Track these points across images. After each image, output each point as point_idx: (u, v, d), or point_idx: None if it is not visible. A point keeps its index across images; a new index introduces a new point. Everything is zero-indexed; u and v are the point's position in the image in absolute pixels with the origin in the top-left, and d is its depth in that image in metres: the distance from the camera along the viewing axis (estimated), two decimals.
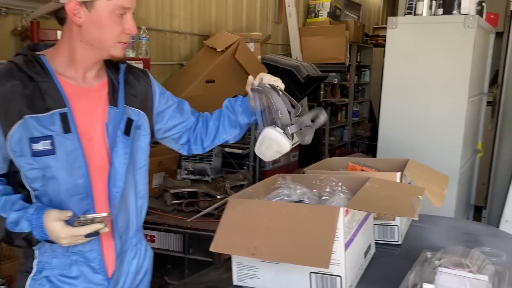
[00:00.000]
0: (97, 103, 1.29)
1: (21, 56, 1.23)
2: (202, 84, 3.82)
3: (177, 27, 4.40)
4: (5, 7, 2.89)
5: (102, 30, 1.21)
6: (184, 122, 1.51)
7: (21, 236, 1.16)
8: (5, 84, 1.17)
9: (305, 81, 4.60)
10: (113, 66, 1.35)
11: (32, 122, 1.18)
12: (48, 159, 1.19)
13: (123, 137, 1.30)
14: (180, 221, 2.94)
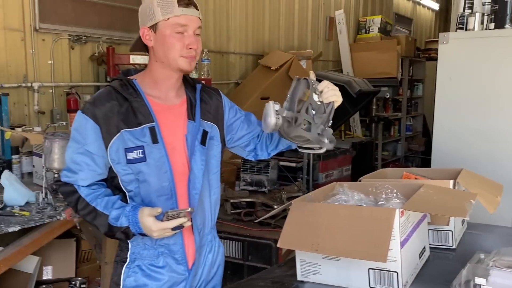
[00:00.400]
0: (178, 118, 1.48)
1: (117, 80, 1.45)
2: (257, 100, 4.03)
3: (233, 48, 4.67)
4: (85, 35, 3.24)
5: (167, 47, 1.39)
6: (251, 132, 1.66)
7: (121, 230, 1.36)
8: (105, 104, 1.38)
9: (357, 96, 4.68)
10: (190, 86, 1.55)
11: (127, 135, 1.38)
12: (140, 166, 1.40)
13: (200, 146, 1.48)
14: (240, 229, 3.11)
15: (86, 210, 1.38)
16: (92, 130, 1.37)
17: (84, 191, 1.39)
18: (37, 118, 3.04)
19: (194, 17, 1.41)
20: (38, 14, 2.98)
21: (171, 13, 1.37)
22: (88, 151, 1.38)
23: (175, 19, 1.37)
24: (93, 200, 1.38)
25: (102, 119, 1.37)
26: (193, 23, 1.40)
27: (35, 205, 2.00)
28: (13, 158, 2.40)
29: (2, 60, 2.84)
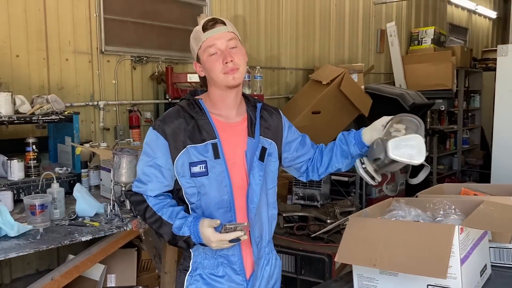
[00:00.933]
0: (239, 134, 1.57)
1: (185, 100, 1.58)
2: (308, 115, 4.07)
3: (283, 64, 4.76)
4: (145, 56, 3.44)
5: (209, 70, 1.50)
6: (306, 154, 1.72)
7: (183, 239, 1.45)
8: (174, 122, 1.50)
9: (410, 109, 4.61)
10: (251, 105, 1.63)
11: (192, 150, 1.49)
12: (203, 179, 1.49)
13: (258, 162, 1.55)
14: (293, 243, 3.14)
15: (153, 218, 1.49)
16: (162, 145, 1.48)
17: (152, 201, 1.50)
18: (102, 134, 3.25)
19: (222, 33, 1.49)
20: (104, 38, 3.20)
21: (200, 40, 1.49)
22: (157, 164, 1.49)
23: (204, 44, 1.48)
24: (159, 209, 1.48)
25: (170, 136, 1.48)
26: (221, 39, 1.48)
27: (104, 216, 2.14)
28: (82, 172, 2.59)
29: (72, 81, 3.07)
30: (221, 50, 1.48)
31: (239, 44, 1.54)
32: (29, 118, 2.37)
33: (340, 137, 1.71)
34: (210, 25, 1.49)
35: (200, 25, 1.51)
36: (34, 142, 2.44)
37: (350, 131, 1.69)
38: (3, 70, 2.74)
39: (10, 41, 2.76)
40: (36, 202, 1.98)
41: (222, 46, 1.48)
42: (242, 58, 1.52)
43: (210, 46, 1.48)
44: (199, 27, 1.51)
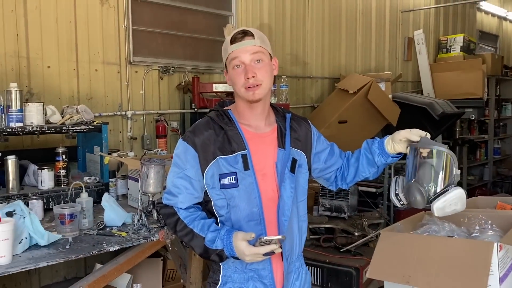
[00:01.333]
0: (269, 145, 1.54)
1: (214, 111, 1.57)
2: (334, 124, 4.02)
3: (309, 73, 4.73)
4: (172, 66, 3.47)
5: (233, 83, 1.51)
6: (335, 164, 1.71)
7: (216, 252, 1.42)
8: (204, 133, 1.49)
9: (440, 118, 4.51)
10: (280, 116, 1.61)
11: (222, 161, 1.47)
12: (233, 191, 1.47)
13: (289, 174, 1.53)
14: (319, 255, 3.09)
15: (184, 231, 1.47)
16: (192, 157, 1.48)
17: (183, 213, 1.48)
18: (130, 143, 3.29)
19: (248, 47, 1.47)
20: (132, 48, 3.25)
21: (227, 52, 1.50)
22: (187, 175, 1.48)
23: (230, 56, 1.49)
24: (190, 222, 1.47)
25: (200, 147, 1.48)
26: (246, 53, 1.47)
27: (131, 226, 2.15)
28: (110, 181, 2.61)
29: (101, 91, 3.13)
30: (245, 64, 1.47)
31: (266, 59, 1.51)
32: (59, 128, 2.42)
33: (365, 145, 1.69)
34: (239, 37, 1.48)
35: (230, 35, 1.50)
36: (63, 151, 2.48)
37: (374, 139, 1.67)
38: (35, 80, 2.81)
39: (42, 52, 2.83)
40: (66, 212, 2.00)
41: (246, 60, 1.47)
42: (266, 73, 1.49)
43: (234, 59, 1.48)
44: (229, 38, 1.51)
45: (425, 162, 1.48)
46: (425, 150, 1.48)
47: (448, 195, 1.41)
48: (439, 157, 1.46)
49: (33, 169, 2.46)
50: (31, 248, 1.86)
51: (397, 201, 1.52)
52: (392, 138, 1.59)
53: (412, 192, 1.46)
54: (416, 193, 1.45)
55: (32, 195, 2.31)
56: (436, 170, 1.46)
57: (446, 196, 1.41)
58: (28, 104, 2.36)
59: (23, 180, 2.49)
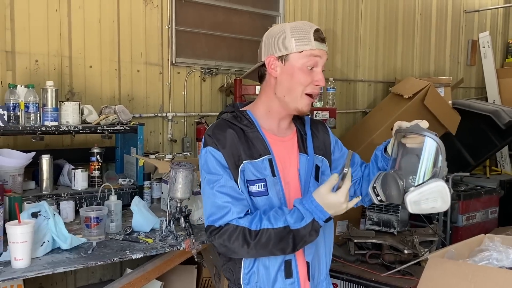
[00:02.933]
0: (291, 151, 1.40)
1: (228, 113, 1.39)
2: (386, 132, 3.74)
3: (361, 76, 4.47)
4: (215, 68, 3.37)
5: (293, 81, 1.31)
6: (353, 174, 1.52)
7: (308, 230, 1.21)
8: (225, 135, 1.32)
9: (506, 128, 4.09)
10: (298, 118, 1.47)
11: (249, 166, 1.31)
12: (262, 199, 1.31)
13: (314, 182, 1.38)
14: (364, 272, 2.85)
15: (262, 238, 1.22)
16: (221, 160, 1.30)
17: (245, 221, 1.25)
18: (170, 146, 3.22)
19: (325, 52, 1.34)
20: (175, 49, 3.18)
21: (307, 46, 1.30)
22: (226, 180, 1.29)
23: (310, 52, 1.30)
24: (258, 224, 1.24)
25: (225, 148, 1.31)
26: (324, 57, 1.33)
27: (159, 232, 2.05)
28: (144, 184, 2.54)
29: (142, 92, 3.08)
30: (318, 69, 1.32)
31: None
32: (94, 128, 2.37)
33: (374, 152, 1.49)
34: (321, 38, 1.33)
35: (312, 30, 1.32)
36: (98, 152, 2.43)
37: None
38: (77, 80, 2.80)
39: (84, 52, 2.82)
40: (92, 215, 1.93)
41: (320, 66, 1.33)
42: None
43: (315, 56, 1.31)
44: (309, 29, 1.32)
45: (408, 151, 1.26)
46: (410, 137, 1.25)
47: (425, 187, 1.17)
48: (424, 145, 1.21)
49: (67, 169, 2.43)
50: (53, 251, 1.80)
51: (374, 195, 1.28)
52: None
53: (388, 183, 1.23)
54: (392, 183, 1.22)
55: (65, 196, 2.28)
56: (419, 160, 1.21)
57: (423, 188, 1.17)
58: (64, 103, 2.34)
59: (58, 179, 2.47)
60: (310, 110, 3.31)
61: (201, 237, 2.02)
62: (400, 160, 1.26)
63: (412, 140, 1.25)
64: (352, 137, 3.98)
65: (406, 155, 1.26)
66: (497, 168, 5.20)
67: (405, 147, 1.26)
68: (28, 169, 2.34)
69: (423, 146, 1.21)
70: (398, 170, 1.25)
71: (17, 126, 2.18)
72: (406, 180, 1.21)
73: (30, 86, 2.25)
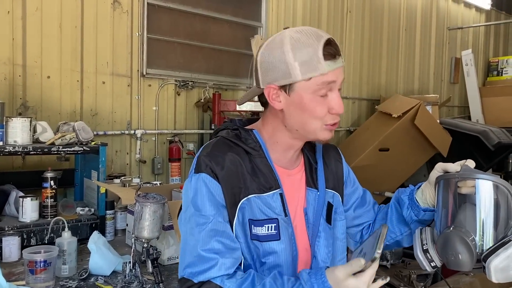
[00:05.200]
0: (298, 186, 1.12)
1: (228, 131, 1.10)
2: (374, 152, 3.51)
3: (345, 93, 4.25)
4: (191, 80, 3.06)
5: (305, 115, 1.03)
6: (365, 216, 1.25)
7: None
8: (225, 159, 1.03)
9: (495, 149, 3.93)
10: (308, 144, 1.17)
11: (257, 201, 1.03)
12: (272, 245, 1.03)
13: (326, 225, 1.10)
14: None
15: None
16: (216, 193, 1.02)
17: (233, 283, 0.97)
18: (138, 167, 2.88)
19: (341, 69, 1.04)
20: (146, 59, 2.86)
21: (316, 71, 0.99)
22: (218, 223, 1.01)
23: (320, 78, 1.00)
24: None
25: (225, 178, 1.02)
26: (340, 77, 1.04)
27: (122, 277, 1.70)
28: (107, 214, 2.18)
29: (108, 107, 2.74)
30: (335, 93, 1.03)
31: None
32: (47, 148, 2.02)
33: (395, 195, 1.22)
34: (333, 54, 1.01)
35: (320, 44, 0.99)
36: (53, 177, 2.06)
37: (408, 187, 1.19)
38: (32, 92, 2.44)
39: (41, 60, 2.47)
40: (38, 258, 1.57)
41: (336, 88, 1.04)
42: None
43: (329, 83, 1.01)
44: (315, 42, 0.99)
45: (467, 201, 0.98)
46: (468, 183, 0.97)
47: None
48: (490, 193, 0.95)
49: (14, 197, 2.06)
50: None
51: (426, 262, 1.00)
52: (428, 181, 1.11)
53: (452, 245, 0.94)
54: (459, 245, 0.93)
55: (9, 229, 1.90)
56: (485, 212, 0.95)
57: (510, 250, 0.90)
58: (11, 119, 1.98)
59: (4, 209, 2.09)
60: None
61: (172, 282, 1.68)
62: (455, 212, 0.98)
63: (469, 188, 0.97)
64: None
65: (466, 206, 0.97)
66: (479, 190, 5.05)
67: (462, 197, 0.98)
68: None
69: (491, 195, 0.94)
70: (458, 227, 0.96)
71: None
72: (473, 237, 0.93)
73: None
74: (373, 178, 3.44)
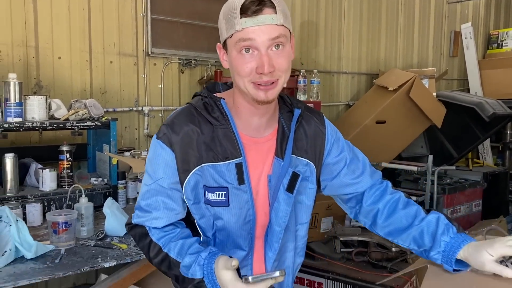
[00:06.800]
0: (266, 154, 1.15)
1: (201, 98, 1.16)
2: (371, 125, 3.65)
3: (344, 68, 4.37)
4: (194, 59, 3.21)
5: (235, 72, 1.07)
6: (356, 185, 1.26)
7: (193, 283, 1.05)
8: (185, 128, 1.10)
9: (490, 120, 4.05)
10: (287, 111, 1.19)
11: (210, 170, 1.10)
12: (220, 210, 1.12)
13: (285, 194, 1.14)
14: (350, 271, 2.76)
15: (159, 257, 1.11)
16: (169, 160, 1.11)
17: (156, 234, 1.13)
18: (146, 141, 3.05)
19: (268, 27, 1.02)
20: (151, 39, 3.01)
21: (233, 27, 1.03)
22: (161, 186, 1.12)
23: (238, 35, 1.03)
24: (165, 244, 1.11)
25: (179, 147, 1.10)
26: (262, 35, 1.02)
27: None
28: (119, 184, 2.37)
29: (116, 85, 2.90)
30: (260, 51, 1.03)
31: (288, 42, 1.07)
32: (62, 124, 2.19)
33: (431, 222, 1.17)
34: (254, 9, 1.01)
35: (240, 1, 1.02)
36: (68, 150, 2.25)
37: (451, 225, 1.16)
38: (44, 72, 2.61)
39: (52, 42, 2.62)
40: (60, 220, 1.77)
41: (263, 46, 1.02)
42: (286, 64, 1.06)
43: (245, 40, 1.02)
44: (237, 4, 1.02)
45: None
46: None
47: None
48: None
49: (34, 168, 2.25)
50: (16, 261, 1.64)
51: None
52: (477, 248, 1.06)
53: None
54: None
55: (31, 198, 2.10)
56: None
57: None
58: (29, 97, 2.15)
59: (25, 180, 2.29)
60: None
61: None
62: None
63: None
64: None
65: None
66: (479, 160, 5.19)
67: None
68: None
69: None
70: None
71: None
72: None
73: None
74: (370, 149, 3.58)
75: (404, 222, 1.20)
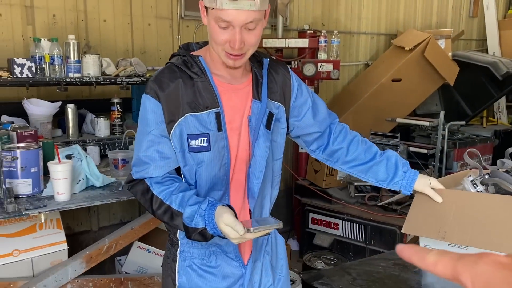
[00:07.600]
0: (244, 99, 1.31)
1: (179, 57, 1.28)
2: (388, 82, 3.90)
3: (364, 28, 4.56)
4: None
5: (211, 36, 1.22)
6: (315, 126, 1.43)
7: (197, 231, 1.16)
8: (169, 83, 1.23)
9: (503, 79, 4.23)
10: (257, 61, 1.34)
11: (192, 119, 1.23)
12: (203, 155, 1.24)
13: (264, 130, 1.30)
14: (363, 213, 3.11)
15: (161, 209, 1.22)
16: (156, 111, 1.23)
17: (157, 188, 1.23)
18: None
19: (244, 12, 1.15)
20: (184, 3, 3.28)
21: (213, 3, 1.15)
22: (155, 136, 1.24)
23: (217, 12, 1.15)
24: (167, 197, 1.21)
25: (165, 99, 1.23)
26: (239, 18, 1.15)
27: None
28: None
29: (154, 45, 3.21)
30: (234, 30, 1.17)
31: (261, 21, 1.21)
32: (114, 79, 2.53)
33: (390, 155, 1.44)
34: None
35: None
36: (118, 102, 2.61)
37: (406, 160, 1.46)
38: (92, 34, 2.94)
39: (98, 6, 2.93)
40: (119, 157, 2.14)
41: (237, 26, 1.16)
42: (256, 40, 1.21)
43: (223, 21, 1.16)
44: None
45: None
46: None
47: None
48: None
49: (90, 118, 2.62)
50: (87, 189, 2.02)
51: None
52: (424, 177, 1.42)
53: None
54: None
55: (90, 142, 2.48)
56: None
57: None
58: (85, 55, 2.49)
59: (82, 127, 2.66)
60: (315, 62, 3.40)
61: None
62: None
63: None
64: (354, 89, 4.14)
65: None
66: (494, 118, 5.38)
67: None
68: (54, 118, 2.54)
69: None
70: None
71: (44, 77, 2.35)
72: None
73: (54, 40, 2.40)
74: (386, 106, 3.86)
75: (366, 156, 1.44)
